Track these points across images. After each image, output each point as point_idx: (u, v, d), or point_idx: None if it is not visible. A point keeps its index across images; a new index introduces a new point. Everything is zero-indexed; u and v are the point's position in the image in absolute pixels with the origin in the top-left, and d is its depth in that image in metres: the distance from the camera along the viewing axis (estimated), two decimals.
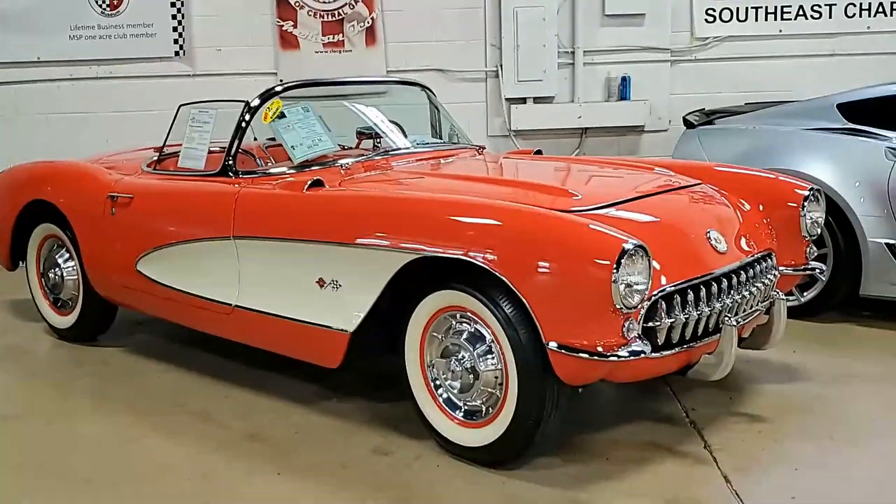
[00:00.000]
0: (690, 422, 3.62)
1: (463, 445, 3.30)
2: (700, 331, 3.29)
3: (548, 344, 2.98)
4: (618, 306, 2.91)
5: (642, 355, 2.97)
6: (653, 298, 3.10)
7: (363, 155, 4.24)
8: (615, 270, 2.88)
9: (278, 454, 3.43)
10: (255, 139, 4.43)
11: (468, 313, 3.23)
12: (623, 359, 2.94)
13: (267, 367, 4.21)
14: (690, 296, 3.22)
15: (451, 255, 3.14)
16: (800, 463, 3.27)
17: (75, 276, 4.74)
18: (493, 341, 3.18)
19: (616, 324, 2.95)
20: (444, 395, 3.36)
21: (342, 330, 3.47)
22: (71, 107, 6.76)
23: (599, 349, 2.94)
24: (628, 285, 2.94)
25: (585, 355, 2.94)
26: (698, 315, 3.24)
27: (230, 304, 3.87)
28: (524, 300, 3.01)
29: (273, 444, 3.52)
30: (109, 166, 4.81)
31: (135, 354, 4.63)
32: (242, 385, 4.11)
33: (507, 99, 6.89)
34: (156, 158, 4.58)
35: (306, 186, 3.66)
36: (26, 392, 4.25)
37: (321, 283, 3.53)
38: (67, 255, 4.78)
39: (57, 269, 4.81)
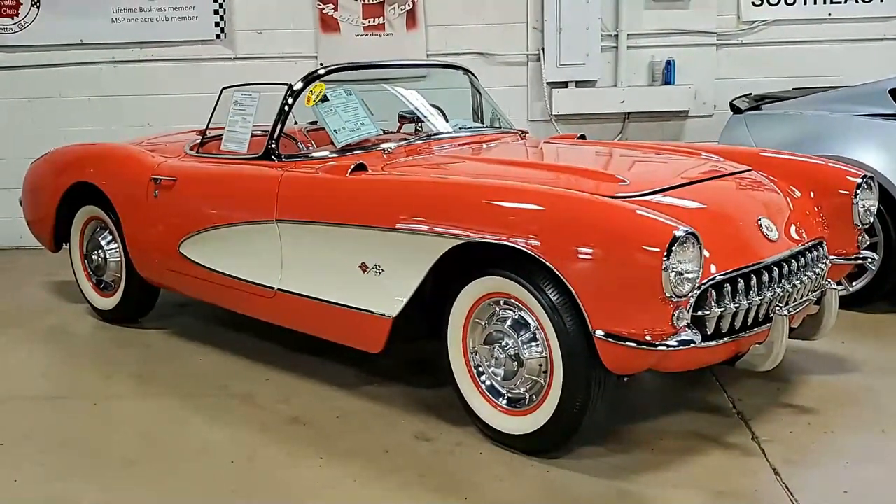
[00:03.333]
0: (737, 412, 3.56)
1: (506, 433, 3.26)
2: (750, 320, 3.22)
3: (594, 332, 2.94)
4: (668, 295, 2.85)
5: (692, 345, 2.91)
6: (703, 287, 3.04)
7: (405, 139, 4.20)
8: (666, 258, 2.82)
9: (320, 438, 3.42)
10: (296, 123, 4.41)
11: (512, 300, 3.19)
12: (672, 348, 2.88)
13: (307, 350, 4.21)
14: (741, 285, 3.15)
15: (495, 241, 3.10)
16: (851, 456, 3.19)
17: (118, 258, 4.76)
18: (537, 328, 3.13)
19: (665, 312, 2.89)
20: (488, 382, 3.32)
21: (384, 315, 3.44)
22: (113, 89, 6.79)
23: (648, 338, 2.88)
24: (679, 273, 2.88)
25: (633, 344, 2.88)
26: (748, 304, 3.17)
27: (272, 288, 3.86)
28: (570, 287, 2.96)
29: (315, 428, 3.51)
30: (152, 149, 4.82)
31: (177, 337, 4.65)
32: (283, 368, 4.11)
33: (548, 83, 6.81)
34: (199, 141, 4.58)
35: (349, 171, 3.63)
36: (70, 373, 4.28)
37: (364, 267, 3.50)
38: (110, 238, 4.81)
39: (100, 251, 4.84)
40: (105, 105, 6.81)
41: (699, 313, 3.05)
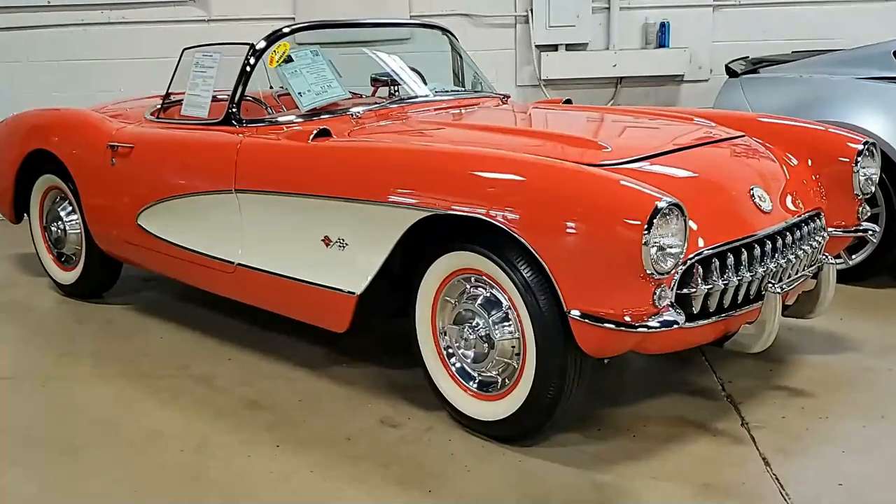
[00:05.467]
0: (726, 396, 3.33)
1: (477, 419, 3.04)
2: (740, 298, 2.99)
3: (570, 312, 2.70)
4: (648, 272, 2.61)
5: (675, 326, 2.68)
6: (688, 262, 2.80)
7: (377, 103, 3.94)
8: (646, 231, 2.58)
9: (279, 424, 3.20)
10: (271, 87, 4.16)
11: (483, 277, 2.95)
12: (653, 330, 2.65)
13: (276, 328, 3.97)
14: (731, 260, 2.91)
15: (463, 214, 2.86)
16: (847, 445, 2.96)
17: (78, 230, 4.52)
18: (510, 308, 2.90)
19: (646, 291, 2.65)
20: (458, 365, 3.09)
21: (349, 292, 3.21)
22: (82, 53, 6.51)
23: (627, 319, 2.65)
24: (661, 248, 2.64)
25: (611, 325, 2.65)
26: (739, 281, 2.93)
27: (232, 263, 3.63)
28: (543, 263, 2.72)
29: (275, 413, 3.29)
30: (114, 114, 4.56)
31: (140, 313, 4.42)
32: (249, 347, 3.88)
33: (537, 46, 6.52)
34: (160, 106, 4.32)
35: (311, 136, 3.38)
36: (22, 351, 4.06)
37: (327, 241, 3.26)
38: (70, 208, 4.56)
39: (59, 223, 4.59)
40: (74, 69, 6.53)
41: (684, 291, 2.82)
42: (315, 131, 3.38)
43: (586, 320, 2.67)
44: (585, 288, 2.68)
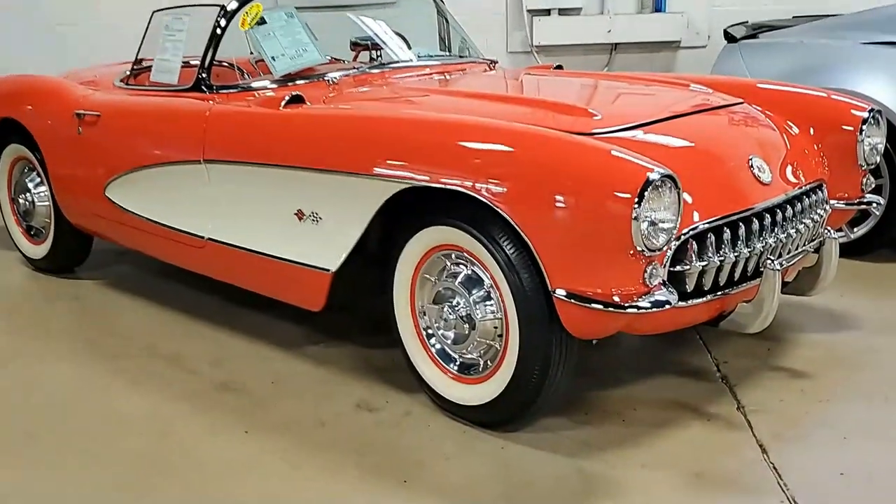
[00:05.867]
0: (722, 377, 3.17)
1: (458, 403, 2.87)
2: (737, 275, 2.81)
3: (554, 292, 2.52)
4: (639, 248, 2.43)
5: (667, 306, 2.50)
6: (682, 238, 2.62)
7: (356, 68, 3.73)
8: (636, 205, 2.39)
9: (249, 408, 3.03)
10: (251, 52, 3.95)
11: (465, 253, 2.77)
12: (644, 311, 2.47)
13: (252, 305, 3.79)
14: (727, 234, 2.73)
15: (442, 186, 2.67)
16: (849, 430, 2.80)
17: (47, 203, 4.33)
18: (492, 286, 2.72)
19: (636, 269, 2.47)
20: (438, 346, 2.92)
21: (323, 269, 3.02)
22: (58, 17, 6.25)
23: (616, 299, 2.47)
24: (652, 223, 2.46)
25: (599, 306, 2.47)
26: (736, 257, 2.76)
27: (202, 237, 3.44)
28: (527, 239, 2.54)
29: (245, 396, 3.12)
30: (85, 81, 4.35)
31: (111, 289, 4.24)
32: (223, 325, 3.70)
33: (529, 11, 6.27)
34: (129, 72, 4.11)
35: (283, 103, 3.18)
36: None
37: (300, 215, 3.07)
38: (38, 180, 4.36)
39: (28, 195, 4.39)
40: (49, 34, 6.27)
41: (677, 268, 2.64)
42: (287, 97, 3.18)
43: (572, 300, 2.49)
44: (571, 266, 2.50)
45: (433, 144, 2.79)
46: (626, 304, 2.47)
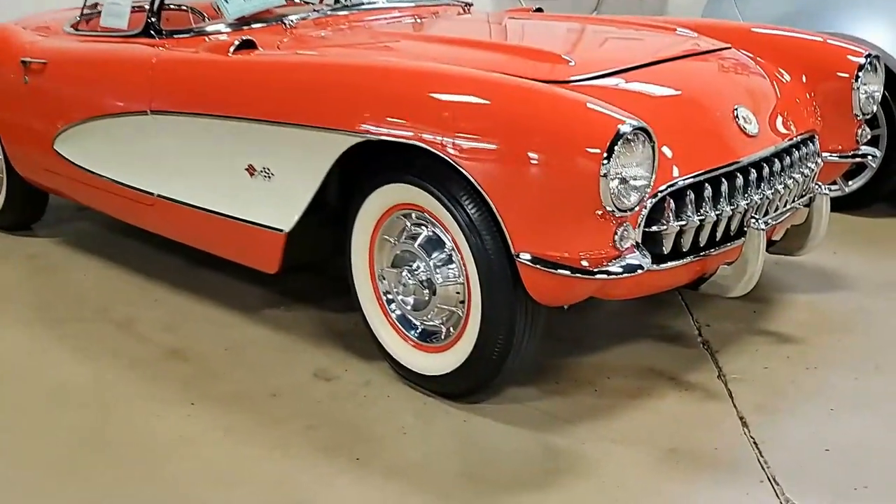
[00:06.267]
0: (703, 342, 2.98)
1: (419, 373, 2.68)
2: (718, 235, 2.61)
3: (518, 256, 2.32)
4: (608, 208, 2.22)
5: (640, 271, 2.30)
6: (658, 196, 2.41)
7: (317, 11, 3.48)
8: (605, 161, 2.18)
9: (199, 377, 2.85)
10: None
11: (425, 214, 2.56)
12: (614, 276, 2.27)
13: (213, 265, 3.57)
14: (708, 191, 2.52)
15: (395, 140, 2.46)
16: (837, 402, 2.62)
17: None
18: (453, 249, 2.52)
19: (606, 231, 2.27)
20: (398, 312, 2.73)
21: (277, 229, 2.82)
22: None
23: (584, 264, 2.27)
24: (623, 180, 2.25)
25: (565, 271, 2.27)
26: (717, 216, 2.55)
27: (152, 194, 3.23)
28: (488, 199, 2.33)
29: (196, 365, 2.93)
30: (37, 27, 4.10)
31: (68, 247, 4.03)
32: (180, 287, 3.50)
33: None
34: (80, 17, 3.86)
35: (232, 49, 2.94)
36: None
37: (251, 170, 2.86)
38: None
39: None
40: None
41: (653, 228, 2.44)
42: (236, 43, 2.95)
43: (537, 266, 2.29)
44: (536, 228, 2.30)
45: (392, 95, 2.56)
46: (595, 270, 2.27)
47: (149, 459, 2.42)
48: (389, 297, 2.73)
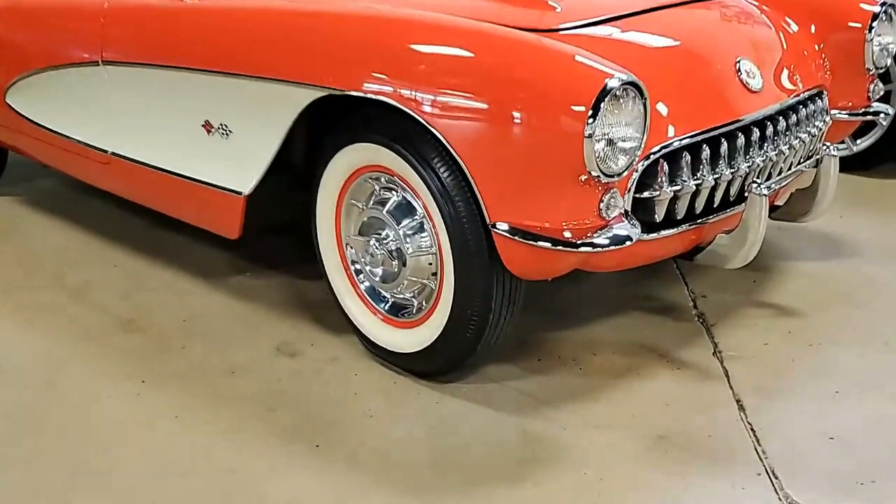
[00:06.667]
0: (698, 315, 2.77)
1: (389, 350, 2.48)
2: (716, 201, 2.39)
3: (494, 226, 2.10)
4: (593, 173, 2.00)
5: (628, 243, 2.08)
6: (651, 157, 2.18)
7: None
8: (590, 120, 1.95)
9: (152, 351, 2.64)
10: None
11: (395, 178, 2.33)
12: (599, 249, 2.05)
13: (180, 227, 3.32)
14: (706, 153, 2.29)
15: (362, 95, 2.22)
16: (841, 382, 2.41)
17: None
18: (424, 217, 2.29)
19: (591, 198, 2.05)
20: (367, 283, 2.51)
21: (235, 192, 2.59)
22: None
23: (566, 235, 2.05)
24: (611, 142, 2.02)
25: (546, 244, 2.05)
26: (715, 181, 2.33)
27: (105, 151, 2.99)
28: (461, 163, 2.10)
29: (151, 336, 2.72)
30: None
31: (28, 207, 3.79)
32: (142, 250, 3.28)
33: None
34: None
35: None
36: None
37: (207, 127, 2.62)
38: None
39: None
40: None
41: (645, 194, 2.21)
42: None
43: (515, 237, 2.07)
44: (514, 196, 2.07)
45: (360, 44, 2.32)
46: (579, 242, 2.05)
47: (91, 446, 2.22)
48: (357, 267, 2.51)
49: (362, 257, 2.46)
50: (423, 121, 2.12)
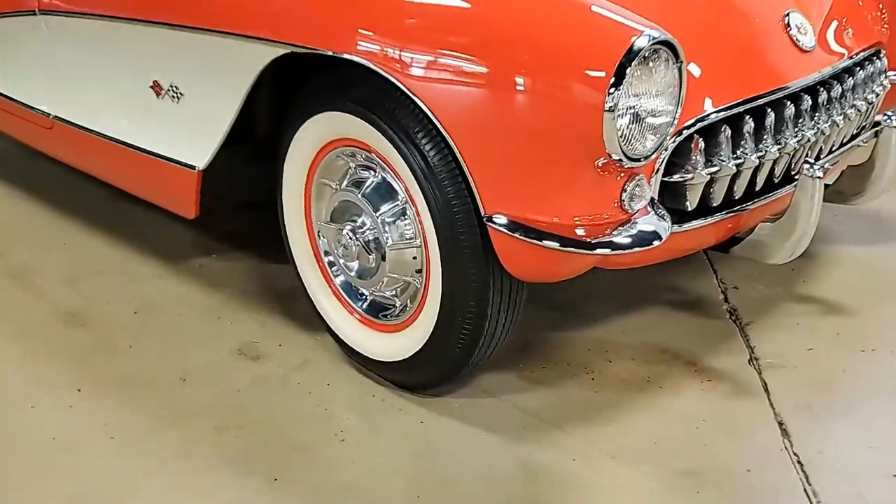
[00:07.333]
0: (730, 310, 2.39)
1: (367, 356, 2.10)
2: (759, 183, 1.98)
3: (489, 219, 1.70)
4: (615, 157, 1.60)
5: (656, 243, 1.69)
6: (684, 133, 1.78)
7: None
8: (612, 89, 1.54)
9: (93, 350, 2.27)
10: None
11: (373, 154, 1.93)
12: (619, 251, 1.66)
13: (142, 200, 2.96)
14: (750, 126, 1.89)
15: (329, 54, 1.82)
16: None
17: None
18: (407, 202, 1.90)
19: (610, 187, 1.65)
20: (342, 278, 2.13)
21: (188, 166, 2.20)
22: None
23: (580, 233, 1.66)
24: (637, 117, 1.62)
25: (553, 243, 1.66)
26: (759, 159, 1.92)
27: (48, 115, 2.60)
28: (450, 140, 1.70)
29: (96, 333, 2.35)
30: None
31: None
32: (98, 226, 2.88)
33: None
34: None
35: None
36: None
37: (156, 89, 2.23)
38: None
39: None
40: None
41: (675, 178, 1.81)
42: None
43: (516, 234, 1.68)
44: (514, 183, 1.68)
45: None
46: (595, 241, 1.66)
47: (11, 473, 1.86)
48: (331, 258, 2.12)
49: (335, 248, 2.07)
50: (403, 87, 1.72)
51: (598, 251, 1.65)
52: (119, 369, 2.19)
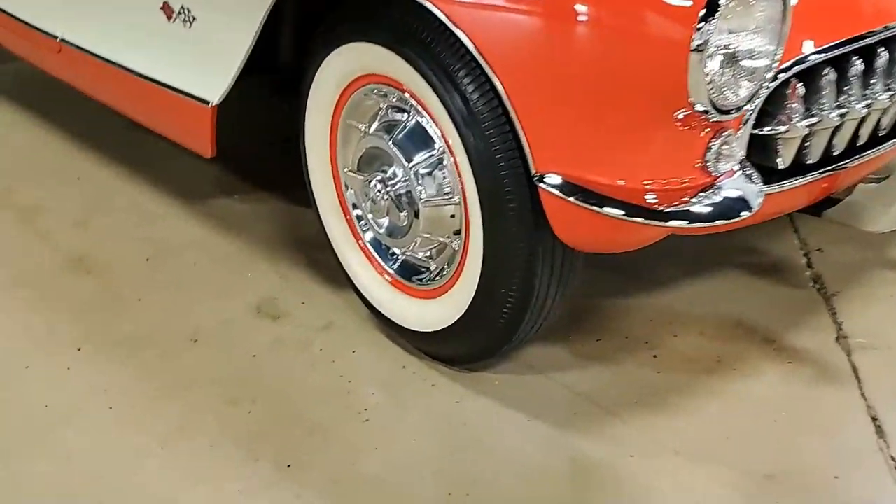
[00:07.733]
0: (813, 278, 2.09)
1: (398, 324, 1.85)
2: (862, 138, 1.67)
3: (540, 178, 1.42)
4: (699, 107, 1.30)
5: (744, 214, 1.40)
6: (780, 79, 1.47)
7: None
8: (702, 23, 1.24)
9: (100, 304, 2.05)
10: None
11: (407, 94, 1.65)
12: (698, 223, 1.37)
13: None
14: (857, 69, 1.57)
15: None
16: None
17: None
18: (445, 152, 1.62)
19: (693, 144, 1.36)
20: (371, 234, 1.87)
21: (202, 100, 1.94)
22: None
23: (650, 199, 1.37)
24: (732, 58, 1.31)
25: (617, 210, 1.38)
26: (867, 108, 1.60)
27: (56, 37, 2.35)
28: (498, 84, 1.41)
29: (103, 282, 2.13)
30: None
31: None
32: (114, 160, 2.65)
33: None
34: None
35: None
36: None
37: (167, 11, 1.96)
38: None
39: None
40: None
41: (766, 131, 1.51)
42: None
43: (571, 197, 1.40)
44: (572, 136, 1.39)
45: None
46: (668, 210, 1.37)
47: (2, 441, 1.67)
48: (359, 212, 1.86)
49: (362, 202, 1.81)
50: (441, 13, 1.43)
51: (672, 223, 1.37)
52: (124, 326, 1.98)
